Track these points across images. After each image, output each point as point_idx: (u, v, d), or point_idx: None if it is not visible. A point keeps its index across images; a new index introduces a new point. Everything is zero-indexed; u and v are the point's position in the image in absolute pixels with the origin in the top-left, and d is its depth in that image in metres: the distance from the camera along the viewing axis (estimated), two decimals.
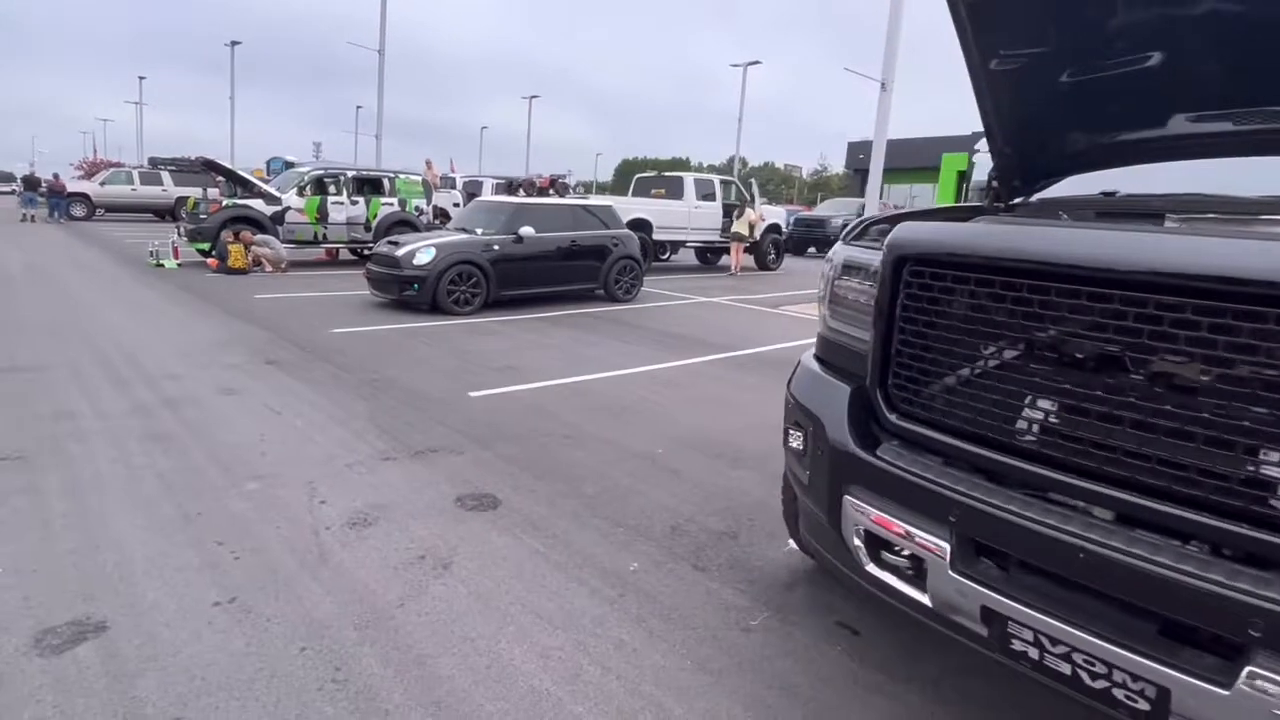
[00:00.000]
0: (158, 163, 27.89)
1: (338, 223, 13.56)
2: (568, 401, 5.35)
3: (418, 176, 15.11)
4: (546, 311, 9.42)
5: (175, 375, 5.51)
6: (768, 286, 13.77)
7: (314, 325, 7.78)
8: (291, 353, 6.46)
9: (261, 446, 4.12)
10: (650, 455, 4.31)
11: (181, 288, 10.15)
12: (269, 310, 8.61)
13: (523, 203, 9.68)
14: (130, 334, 6.93)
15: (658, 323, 9.06)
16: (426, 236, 9.17)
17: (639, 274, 10.86)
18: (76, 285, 9.94)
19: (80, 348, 6.27)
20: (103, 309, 8.21)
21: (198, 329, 7.35)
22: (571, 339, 7.75)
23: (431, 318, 8.52)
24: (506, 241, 9.25)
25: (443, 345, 7.10)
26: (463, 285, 8.85)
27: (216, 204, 12.52)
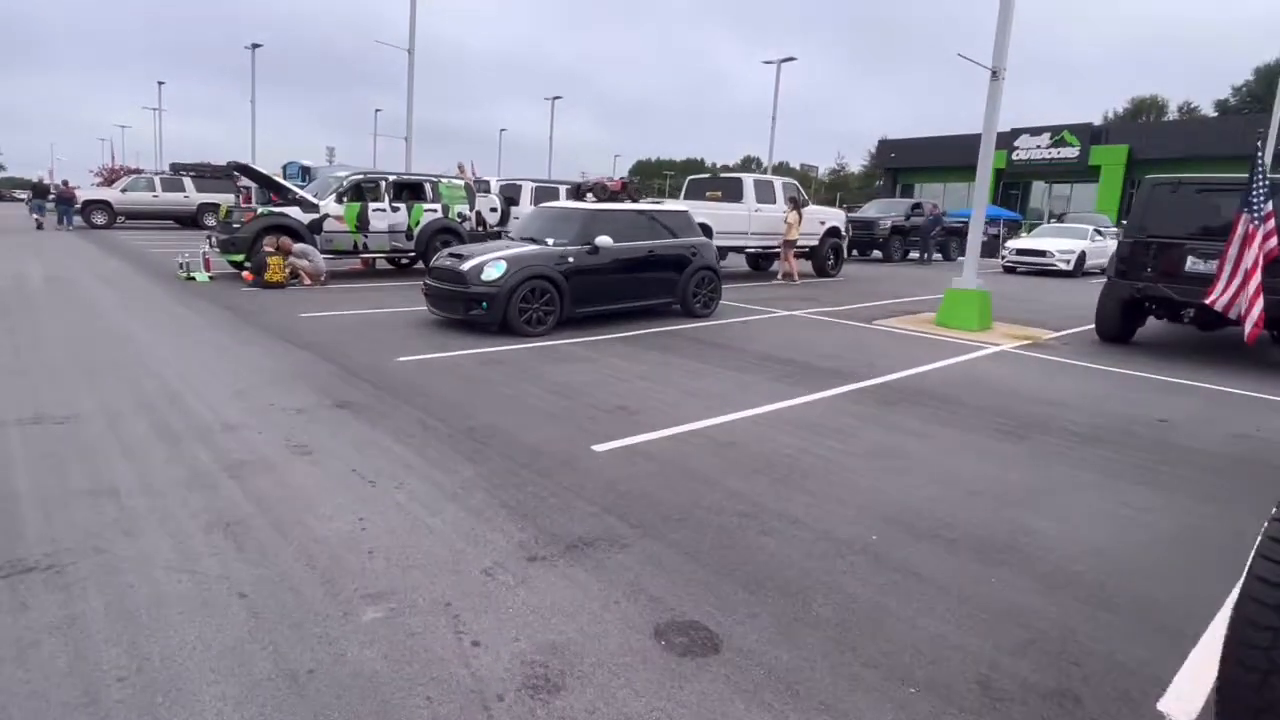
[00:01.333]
0: (180, 169, 27.14)
1: (379, 231, 12.62)
2: (714, 458, 4.33)
3: (460, 181, 14.16)
4: (623, 330, 8.41)
5: (233, 425, 4.53)
6: (839, 296, 12.70)
7: (375, 352, 6.81)
8: (361, 390, 5.48)
9: (364, 539, 3.12)
10: (863, 543, 3.29)
11: (218, 304, 9.22)
12: (319, 332, 7.64)
13: (598, 209, 8.68)
14: (171, 365, 5.98)
15: (751, 343, 8.02)
16: (492, 248, 8.18)
17: (718, 286, 9.83)
18: (104, 303, 9.03)
19: (116, 385, 5.31)
20: (136, 333, 7.27)
21: (246, 358, 6.39)
22: (669, 366, 6.73)
23: (502, 340, 7.53)
24: (580, 253, 8.25)
25: (530, 377, 6.10)
26: (535, 303, 7.85)
27: (251, 213, 11.60)
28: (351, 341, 7.24)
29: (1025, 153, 37.44)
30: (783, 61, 32.72)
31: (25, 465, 3.80)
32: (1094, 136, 35.98)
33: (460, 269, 7.80)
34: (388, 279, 12.93)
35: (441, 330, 8.01)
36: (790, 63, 32.88)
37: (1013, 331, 9.37)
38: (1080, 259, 19.79)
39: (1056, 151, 36.18)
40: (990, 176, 9.64)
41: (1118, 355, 8.18)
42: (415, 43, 21.81)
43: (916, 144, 43.68)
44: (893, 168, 45.53)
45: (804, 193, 15.94)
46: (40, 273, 11.64)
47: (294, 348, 6.84)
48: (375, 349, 6.94)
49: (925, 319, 10.19)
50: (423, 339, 7.52)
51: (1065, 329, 9.92)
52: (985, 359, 7.69)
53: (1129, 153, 34.73)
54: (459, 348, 7.12)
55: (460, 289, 7.76)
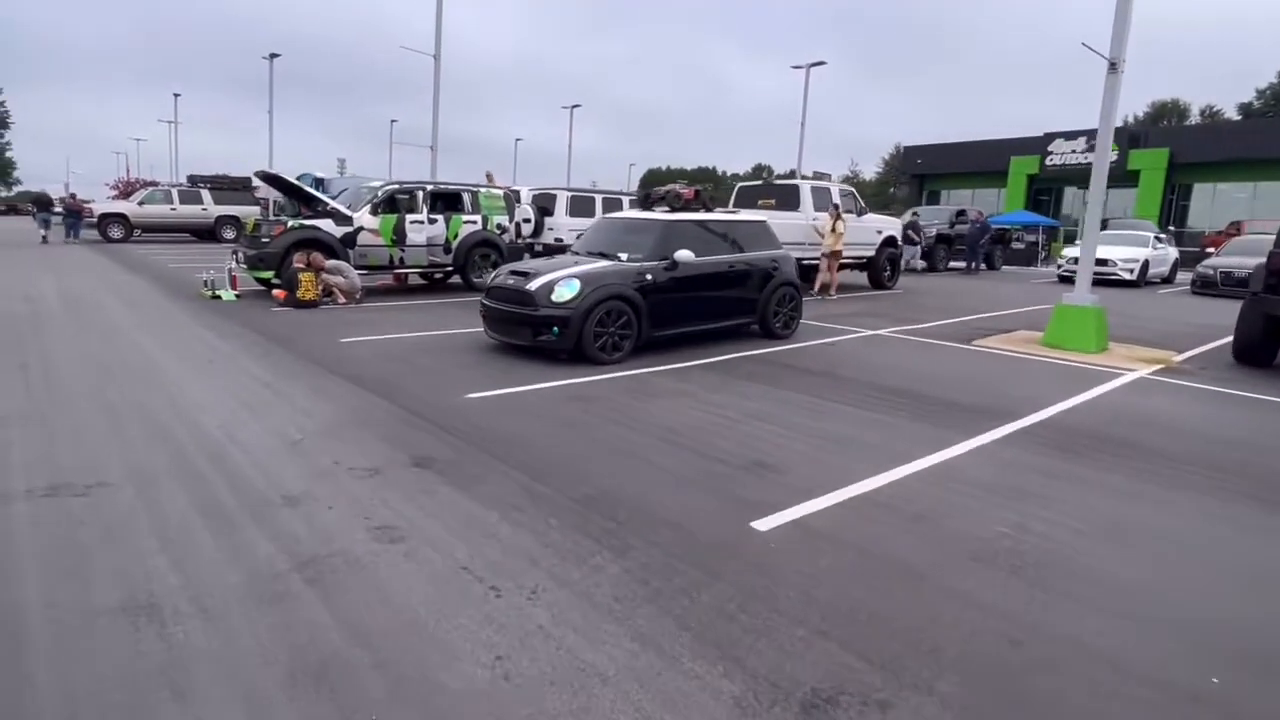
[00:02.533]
0: (197, 180, 26.52)
1: (416, 245, 11.75)
2: (910, 538, 3.38)
3: (498, 190, 13.30)
4: (702, 356, 7.47)
5: (295, 497, 3.61)
6: (909, 311, 11.71)
7: (438, 386, 5.89)
8: (438, 440, 4.55)
9: (515, 699, 2.18)
10: (1208, 693, 2.32)
11: (249, 327, 8.34)
12: (367, 362, 6.74)
13: (675, 220, 7.75)
14: (207, 408, 5.07)
15: (854, 370, 7.06)
16: (559, 265, 7.26)
17: (799, 303, 8.89)
18: (125, 327, 8.17)
19: (145, 437, 4.41)
20: (163, 365, 6.38)
21: (291, 396, 5.48)
22: (781, 402, 5.77)
23: (577, 370, 6.60)
24: (658, 269, 7.32)
25: (628, 419, 5.16)
26: (611, 326, 6.92)
27: (281, 226, 10.75)
28: (407, 373, 6.32)
29: (1059, 157, 36.39)
30: (811, 66, 31.85)
31: (35, 564, 2.88)
32: (1132, 140, 34.90)
33: (527, 289, 6.88)
34: (423, 295, 12.04)
35: (503, 358, 7.09)
36: (816, 67, 31.99)
37: (1135, 354, 8.37)
38: (1144, 268, 18.74)
39: (1093, 156, 34.99)
40: (1105, 173, 8.66)
41: (1274, 382, 7.17)
42: (440, 48, 21.07)
43: (943, 149, 42.68)
44: (918, 174, 44.51)
45: (860, 199, 15.00)
46: (55, 292, 10.81)
47: (344, 382, 5.93)
48: (437, 383, 6.02)
49: (1028, 339, 9.20)
50: (486, 369, 6.59)
51: (1186, 350, 8.90)
52: (1129, 389, 6.69)
53: (1169, 156, 33.64)
54: (531, 380, 6.19)
55: (527, 311, 6.84)
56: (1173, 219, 34.45)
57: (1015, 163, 38.29)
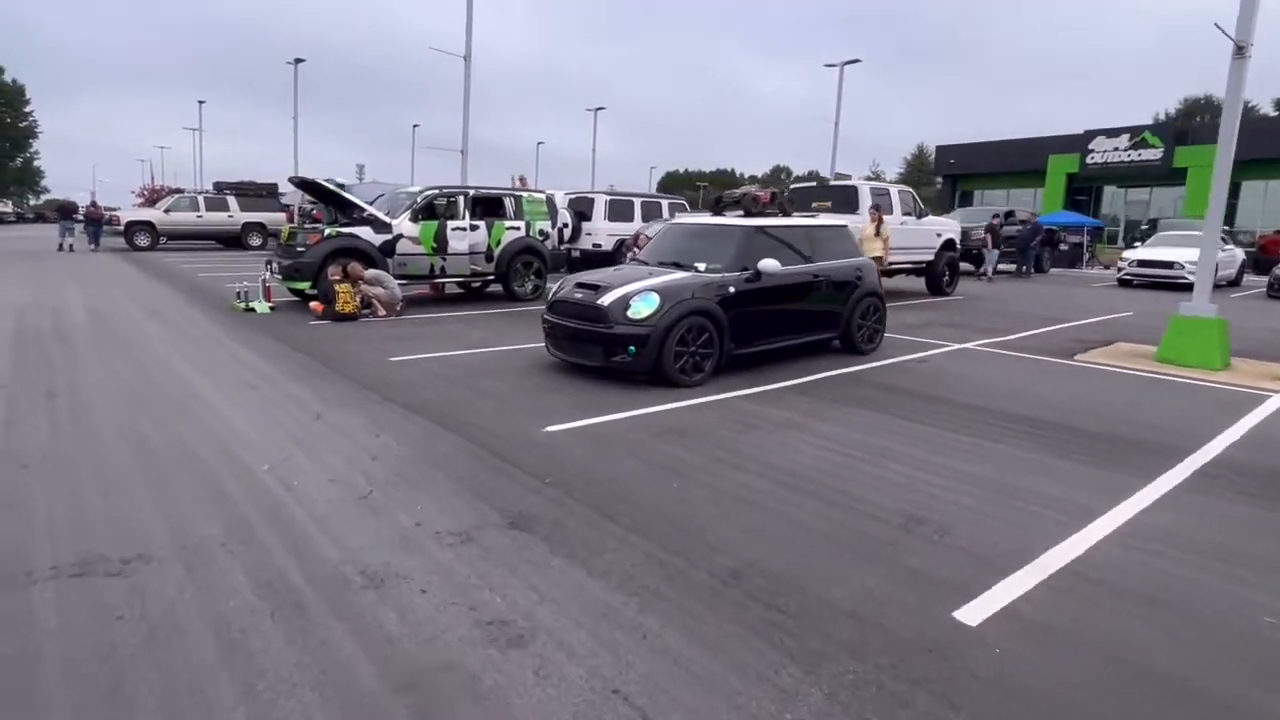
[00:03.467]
0: (224, 187, 26.20)
1: (458, 253, 11.11)
2: (1154, 635, 2.63)
3: (541, 195, 12.65)
4: (786, 377, 6.74)
5: (377, 574, 2.93)
6: (981, 320, 10.89)
7: (509, 415, 5.21)
8: (529, 490, 3.85)
9: None
10: None
11: (289, 345, 7.72)
12: (425, 385, 6.08)
13: (757, 226, 7.02)
14: (257, 447, 4.42)
15: (963, 392, 6.29)
16: (630, 276, 6.55)
17: (884, 315, 8.13)
18: (156, 345, 7.58)
19: (189, 489, 3.76)
20: (202, 391, 5.76)
21: (350, 431, 4.82)
22: (903, 435, 5.02)
23: (658, 395, 5.90)
24: (739, 280, 6.60)
25: (736, 457, 4.45)
26: (692, 345, 6.21)
27: (317, 234, 10.16)
28: (471, 400, 5.65)
29: (1101, 155, 35.19)
30: (846, 64, 31.02)
31: (62, 683, 2.22)
32: (1178, 137, 33.68)
33: (598, 304, 6.19)
34: (463, 306, 11.39)
35: (572, 379, 6.40)
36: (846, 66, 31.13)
37: (1264, 370, 7.52)
38: None
39: (1137, 154, 33.88)
40: (1228, 168, 7.80)
41: None
42: (471, 49, 20.53)
43: (977, 149, 41.55)
44: (951, 174, 43.40)
45: (919, 201, 14.18)
46: (83, 305, 10.29)
47: (404, 412, 5.27)
48: (507, 412, 5.34)
49: (1134, 353, 8.36)
50: (557, 394, 5.91)
51: None
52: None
53: None
54: (611, 407, 5.49)
55: (599, 329, 6.14)
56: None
57: (1054, 161, 37.13)
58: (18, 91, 70.67)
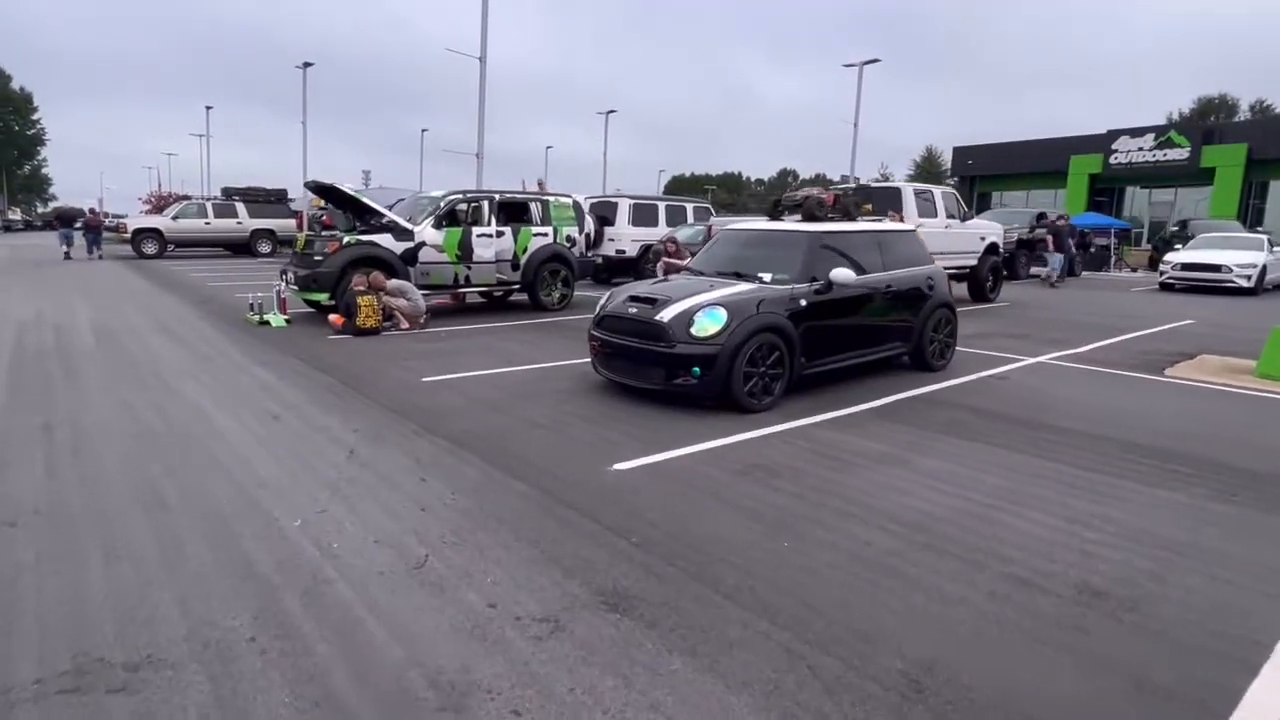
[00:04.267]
0: (231, 193, 25.68)
1: (484, 261, 10.49)
2: None
3: (568, 199, 12.03)
4: (860, 399, 6.08)
5: (449, 684, 2.28)
6: (1043, 329, 10.20)
7: (570, 451, 4.57)
8: (615, 553, 3.21)
9: None
10: None
11: (310, 363, 7.10)
12: (466, 412, 5.45)
13: (824, 232, 6.37)
14: (286, 497, 3.79)
15: (1066, 416, 5.62)
16: (689, 289, 5.90)
17: (955, 328, 7.46)
18: (168, 364, 6.98)
19: (211, 558, 3.12)
20: (219, 423, 5.14)
21: (392, 474, 4.18)
22: (1026, 473, 4.36)
23: (725, 421, 5.25)
24: (809, 292, 5.95)
25: (842, 501, 3.80)
26: (762, 365, 5.56)
27: (335, 242, 9.56)
28: (521, 431, 5.01)
29: (1125, 155, 34.41)
30: (865, 64, 30.39)
31: None
32: (1205, 136, 32.88)
33: (657, 320, 5.55)
34: (486, 317, 10.76)
35: (626, 403, 5.75)
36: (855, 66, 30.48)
37: None
38: (1261, 274, 16.96)
39: (1162, 153, 33.09)
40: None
41: None
42: (486, 50, 19.96)
43: (996, 149, 40.76)
44: (969, 175, 42.63)
45: (963, 204, 13.51)
46: (87, 319, 9.71)
47: (450, 447, 4.63)
48: (565, 445, 4.70)
49: (1227, 367, 7.67)
50: (615, 422, 5.26)
51: None
52: None
53: (1247, 152, 31.52)
54: (680, 439, 4.84)
55: (659, 348, 5.49)
56: (1249, 220, 32.30)
57: (1075, 162, 36.36)
58: (25, 99, 70.67)
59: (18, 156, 72.20)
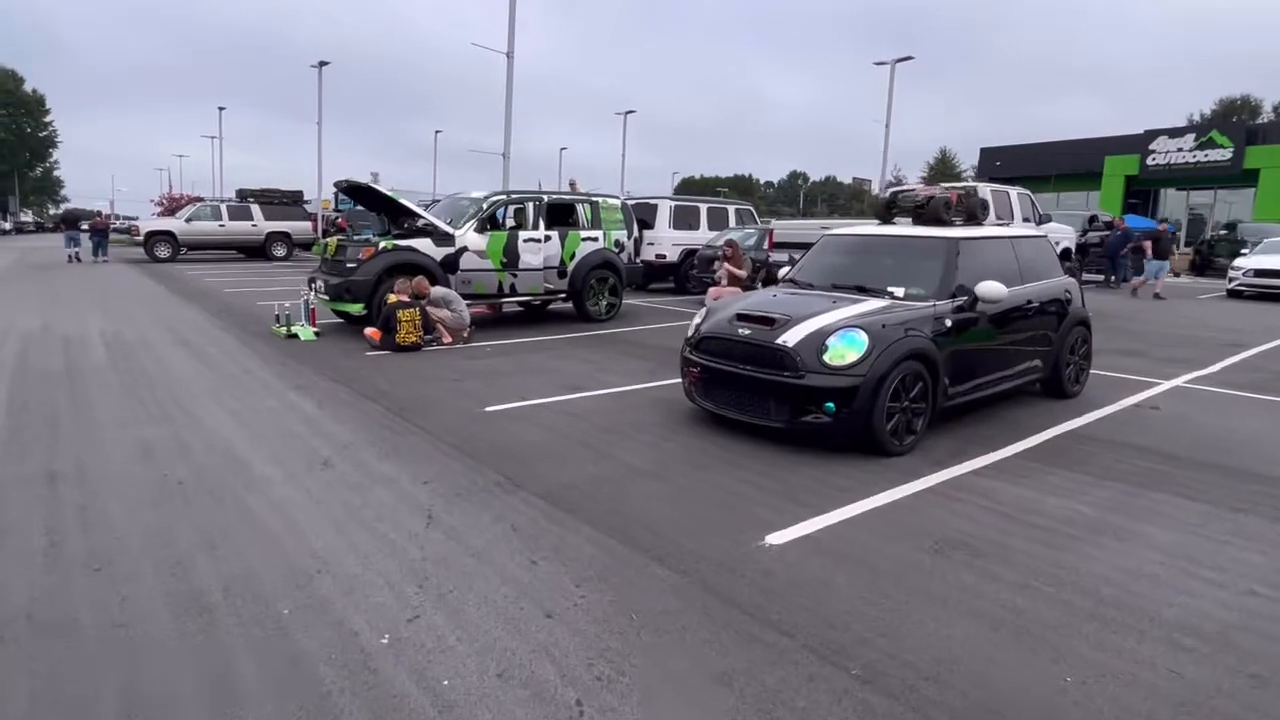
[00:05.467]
0: (247, 195, 24.88)
1: (531, 268, 9.59)
2: None
3: (616, 200, 11.12)
4: (1000, 438, 5.15)
5: None
6: (1151, 345, 9.20)
7: (706, 518, 3.64)
8: (837, 695, 2.28)
9: None
10: None
11: (352, 388, 6.20)
12: (551, 455, 4.53)
13: (962, 238, 5.42)
14: (357, 591, 2.88)
15: (1257, 460, 4.67)
16: (809, 307, 4.96)
17: (1090, 348, 6.51)
18: (193, 391, 6.09)
19: (269, 702, 2.21)
20: (258, 470, 4.24)
21: (488, 550, 3.27)
22: (1267, 544, 3.42)
23: (865, 468, 4.33)
24: (951, 309, 5.01)
25: (1094, 603, 2.86)
26: (904, 398, 4.62)
27: (370, 248, 8.66)
28: (627, 483, 4.09)
29: (1164, 156, 33.28)
30: (898, 61, 29.40)
31: None
32: (1249, 136, 31.73)
33: (780, 344, 4.61)
34: (529, 328, 9.84)
35: (735, 441, 4.82)
36: (905, 63, 29.52)
37: None
38: None
39: (1204, 154, 31.95)
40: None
41: None
42: (514, 45, 19.08)
43: (1026, 150, 39.68)
44: (998, 177, 41.45)
45: (1038, 206, 12.54)
46: (98, 331, 8.84)
47: (549, 510, 3.71)
48: (693, 506, 3.77)
49: None
50: (735, 470, 4.33)
51: None
52: None
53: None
54: (826, 496, 3.91)
55: (783, 378, 4.56)
56: None
57: (1110, 163, 35.27)
58: (38, 101, 70.35)
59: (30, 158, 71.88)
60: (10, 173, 67.10)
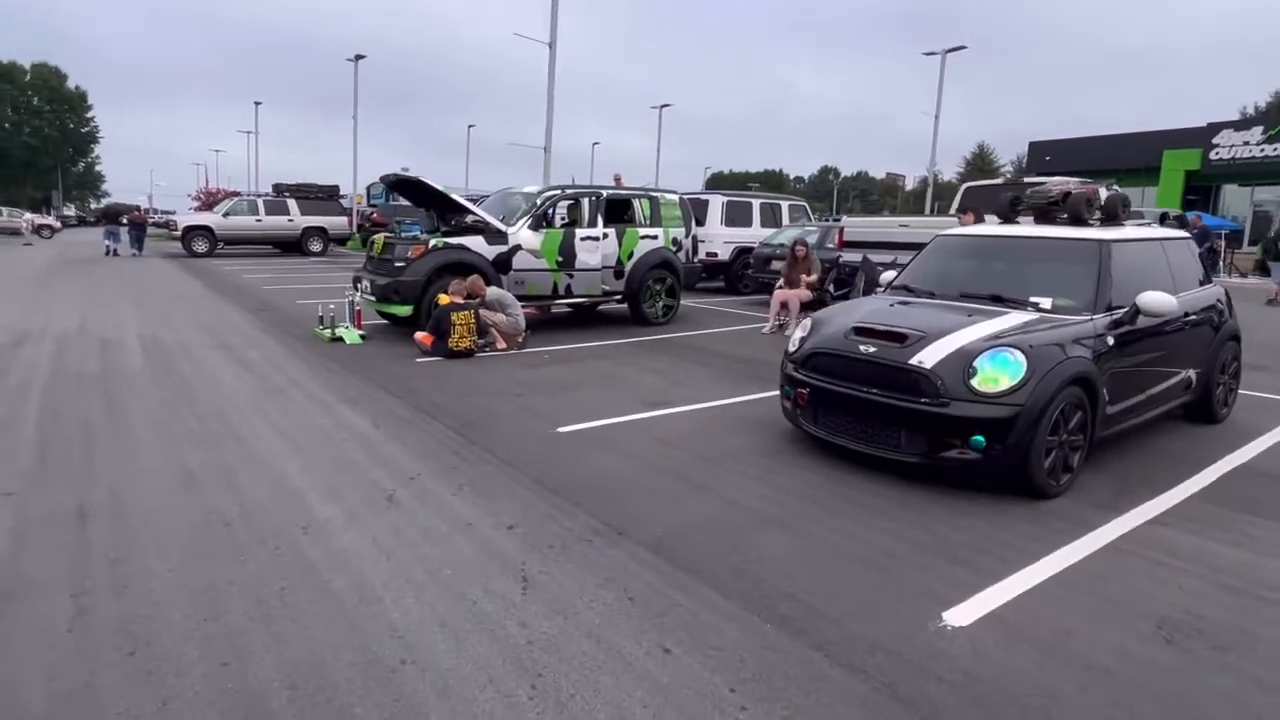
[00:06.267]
0: (283, 190, 24.66)
1: (588, 268, 8.98)
2: None
3: (674, 196, 10.46)
4: (1165, 477, 4.41)
5: None
6: (1272, 358, 8.33)
7: (854, 583, 2.99)
8: None
9: None
10: None
11: (409, 400, 5.65)
12: (642, 488, 3.91)
13: (1118, 240, 4.68)
14: (453, 695, 2.28)
15: None
16: (945, 321, 4.27)
17: (1240, 365, 5.72)
18: (234, 402, 5.59)
19: None
20: (313, 507, 3.68)
21: (597, 627, 2.65)
22: None
23: (1025, 517, 3.64)
24: (1108, 324, 4.28)
25: None
26: (1063, 431, 3.91)
27: (421, 246, 8.11)
28: (747, 530, 3.45)
29: (1228, 150, 31.68)
30: (949, 52, 28.32)
31: None
32: None
33: (915, 364, 3.93)
34: (581, 331, 9.23)
35: (854, 474, 4.15)
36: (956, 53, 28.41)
37: None
38: None
39: (1272, 148, 30.32)
40: None
41: None
42: (556, 35, 18.50)
43: (1077, 144, 38.15)
44: (1046, 171, 39.97)
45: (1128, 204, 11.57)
46: (135, 333, 8.42)
47: (661, 563, 3.08)
48: (826, 561, 3.12)
49: None
50: (869, 515, 3.66)
51: None
52: None
53: None
54: (990, 556, 3.24)
55: (921, 405, 3.87)
56: None
57: (1169, 157, 33.70)
58: (80, 97, 71.59)
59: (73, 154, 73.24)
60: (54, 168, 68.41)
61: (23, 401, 5.35)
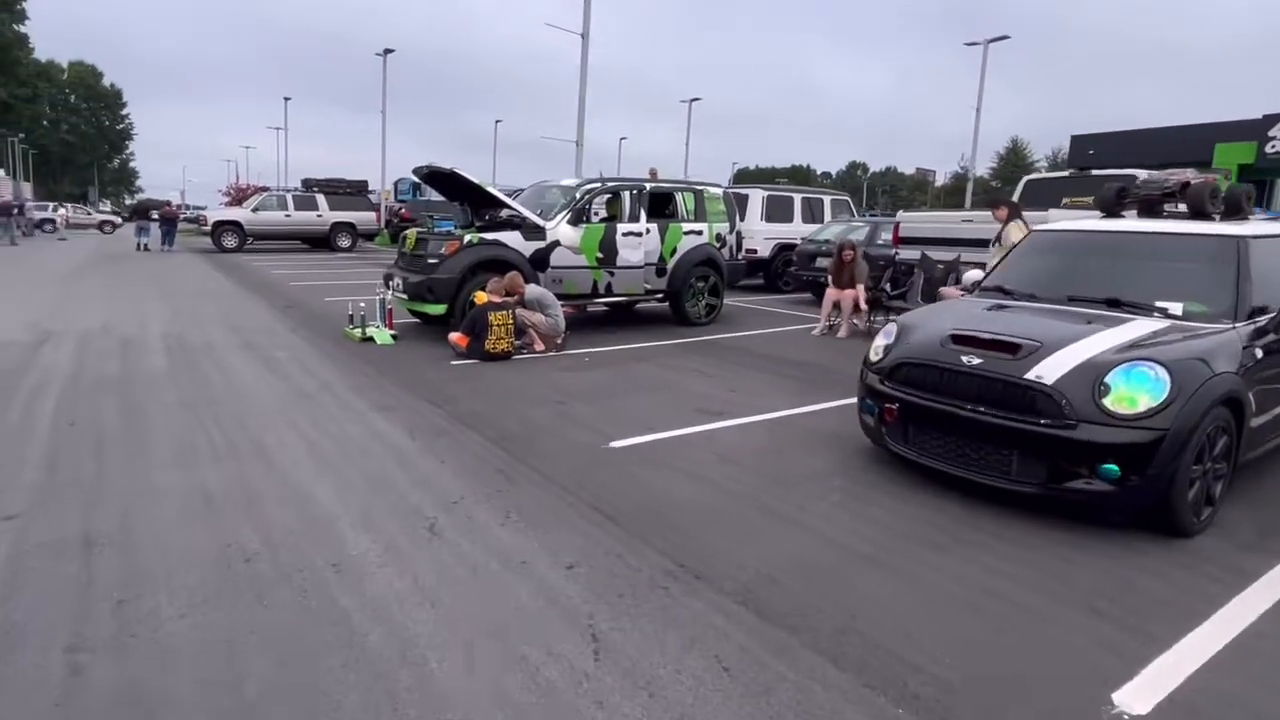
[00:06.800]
0: (312, 185, 24.52)
1: (630, 265, 8.51)
2: None
3: (719, 189, 9.93)
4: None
5: None
6: None
7: (988, 647, 2.48)
8: None
9: None
10: None
11: (446, 409, 5.22)
12: (713, 515, 3.43)
13: (1252, 236, 4.10)
14: None
15: None
16: (1061, 328, 3.72)
17: None
18: (259, 413, 5.20)
19: None
20: (344, 537, 3.25)
21: (688, 709, 2.18)
22: None
23: (1166, 558, 3.11)
24: (1252, 333, 3.71)
25: None
26: (1207, 458, 3.36)
27: (455, 242, 7.70)
28: (845, 571, 2.95)
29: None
30: (991, 42, 27.36)
31: None
32: None
33: (1033, 379, 3.39)
34: (620, 331, 8.75)
35: (947, 500, 3.63)
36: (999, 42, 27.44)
37: None
38: None
39: None
40: None
41: None
42: (589, 26, 18.03)
43: (1123, 137, 36.57)
44: (1087, 166, 38.61)
45: (1252, 196, 10.83)
46: (159, 331, 8.12)
47: (751, 617, 2.60)
48: (948, 617, 2.62)
49: None
50: (978, 550, 3.15)
51: None
52: None
53: None
54: (1156, 618, 2.71)
55: (1040, 427, 3.33)
56: None
57: (1222, 150, 32.06)
58: (115, 94, 72.77)
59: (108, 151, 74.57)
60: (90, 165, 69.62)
61: (38, 407, 5.01)
